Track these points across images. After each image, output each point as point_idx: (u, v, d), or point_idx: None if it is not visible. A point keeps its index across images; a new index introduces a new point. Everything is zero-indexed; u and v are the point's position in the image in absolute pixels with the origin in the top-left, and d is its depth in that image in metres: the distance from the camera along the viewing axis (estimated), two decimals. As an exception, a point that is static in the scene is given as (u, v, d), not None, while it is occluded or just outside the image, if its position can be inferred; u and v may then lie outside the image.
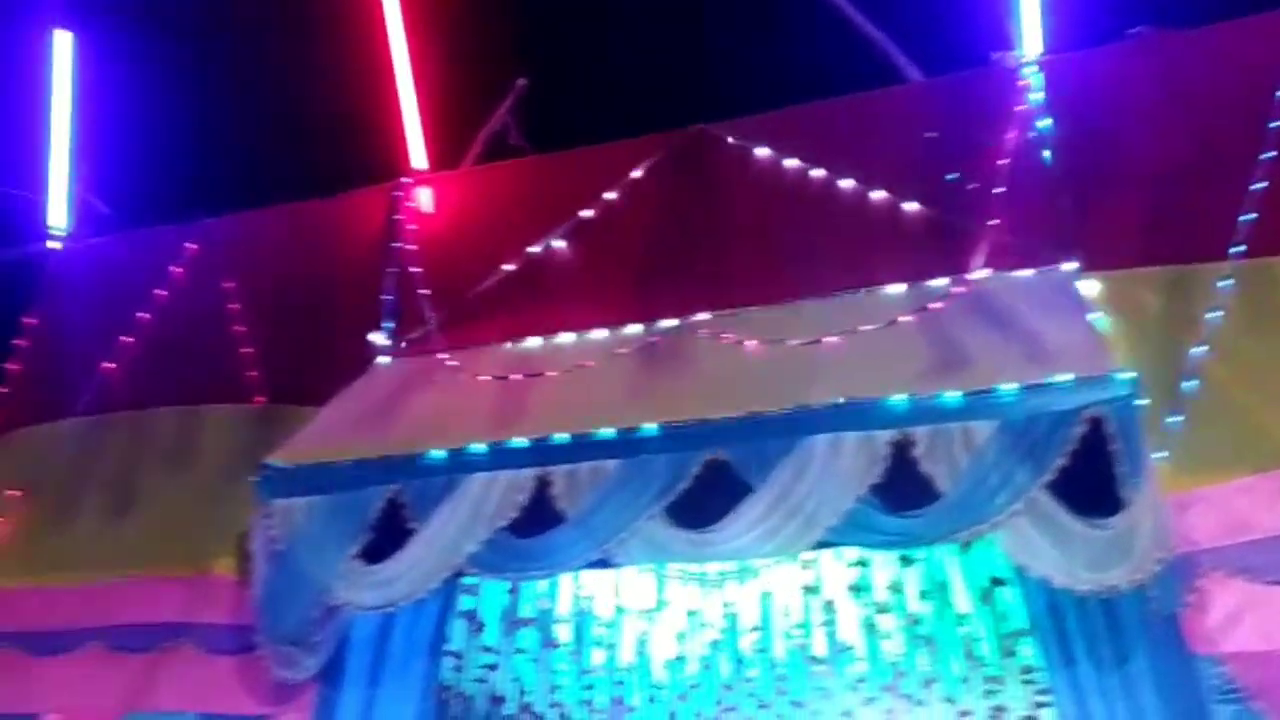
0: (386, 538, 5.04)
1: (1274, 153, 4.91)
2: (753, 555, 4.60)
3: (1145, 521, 4.03)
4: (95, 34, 7.61)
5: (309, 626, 5.10)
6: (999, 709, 7.13)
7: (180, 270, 6.84)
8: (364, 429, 5.36)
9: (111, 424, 6.65)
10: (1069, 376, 4.19)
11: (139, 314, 6.81)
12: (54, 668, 5.85)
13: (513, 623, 6.73)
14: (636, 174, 5.91)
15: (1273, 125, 4.95)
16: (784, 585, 6.23)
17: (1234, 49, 5.29)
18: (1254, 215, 4.84)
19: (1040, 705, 6.99)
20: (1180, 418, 4.57)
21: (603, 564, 5.27)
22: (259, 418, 6.27)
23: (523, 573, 5.06)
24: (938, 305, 4.96)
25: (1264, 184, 4.87)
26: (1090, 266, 4.95)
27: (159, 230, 7.18)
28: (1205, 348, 4.70)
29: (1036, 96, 5.34)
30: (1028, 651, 6.35)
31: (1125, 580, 4.02)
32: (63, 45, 7.58)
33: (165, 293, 6.83)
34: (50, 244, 7.43)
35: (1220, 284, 4.79)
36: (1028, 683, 6.71)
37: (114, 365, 6.79)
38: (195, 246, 6.87)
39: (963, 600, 6.10)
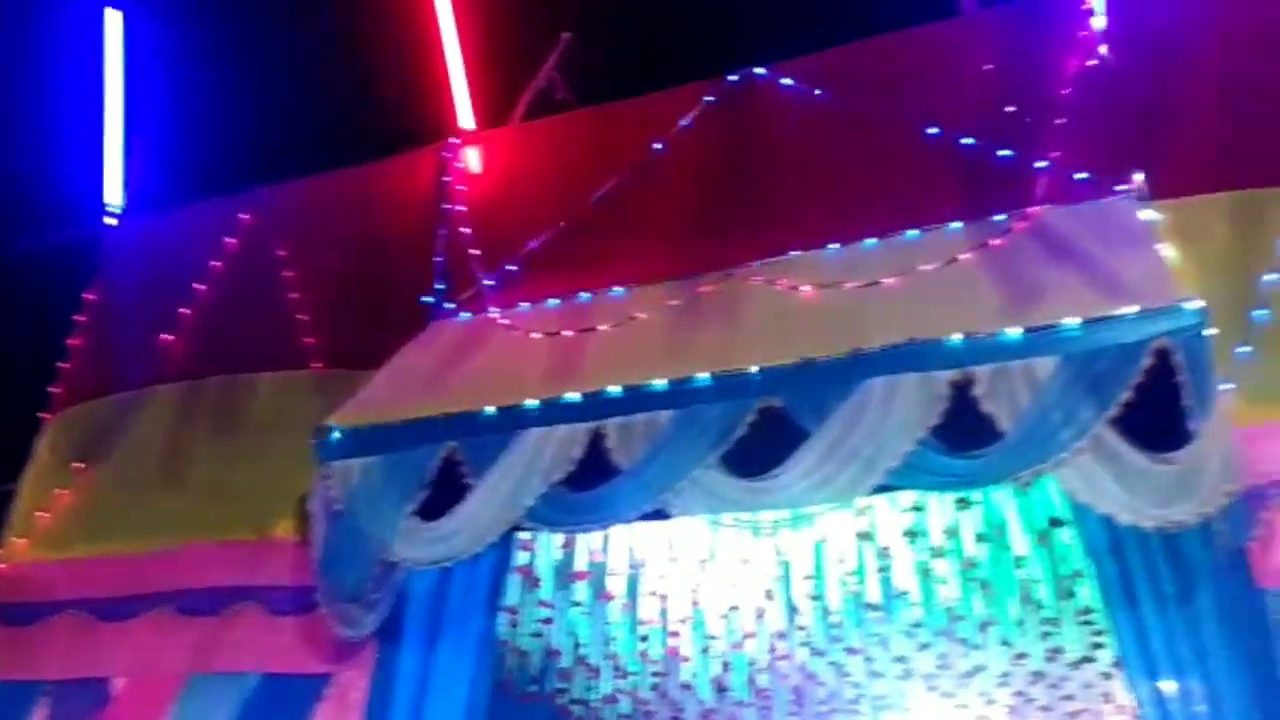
0: (443, 495, 4.95)
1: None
2: (809, 502, 4.44)
3: (1213, 455, 3.83)
4: (143, 10, 7.54)
5: (367, 584, 5.03)
6: (1056, 650, 6.98)
7: (234, 241, 6.76)
8: (419, 390, 5.27)
9: (169, 394, 6.62)
10: (1133, 308, 3.98)
11: (195, 285, 6.75)
12: (122, 633, 5.87)
13: (567, 576, 6.65)
14: (684, 122, 5.71)
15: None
16: (838, 532, 6.07)
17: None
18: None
19: (1097, 646, 6.84)
20: (1249, 348, 4.36)
21: (657, 515, 5.16)
22: (315, 383, 6.21)
23: (579, 526, 4.96)
24: (997, 241, 4.74)
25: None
26: (1156, 195, 4.70)
27: (213, 203, 7.10)
28: (1276, 275, 4.45)
29: (1099, 22, 5.06)
30: (1085, 593, 6.18)
31: (1192, 515, 3.83)
32: (113, 24, 7.53)
33: (220, 264, 6.77)
34: (107, 220, 7.38)
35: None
36: (1084, 624, 6.55)
37: (171, 337, 6.75)
38: (248, 217, 6.79)
39: (1020, 543, 5.91)
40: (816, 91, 5.49)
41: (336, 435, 5.12)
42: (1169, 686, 4.31)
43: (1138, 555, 4.41)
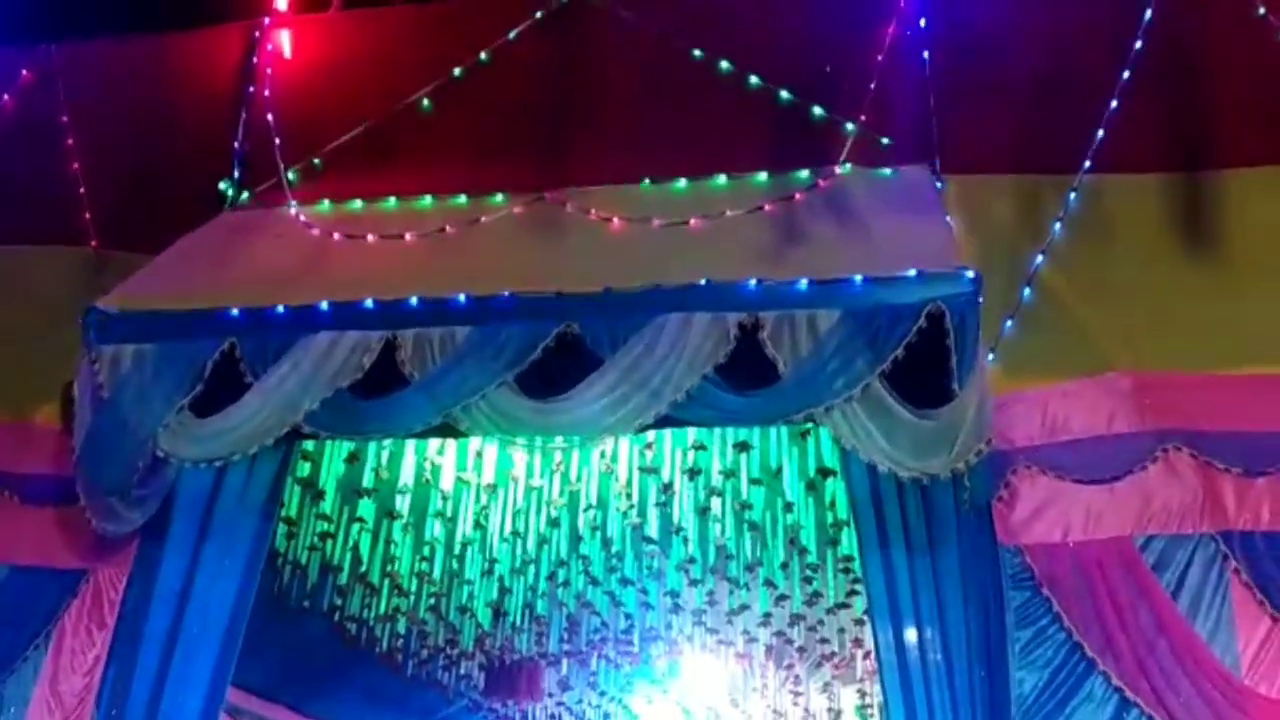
0: (220, 393, 4.69)
1: (1128, 73, 4.94)
2: (596, 427, 4.45)
3: (969, 414, 4.05)
4: None
5: (132, 478, 4.72)
6: (816, 595, 7.35)
7: (9, 99, 6.14)
8: (203, 278, 4.95)
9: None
10: (913, 271, 4.16)
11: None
12: None
13: (351, 492, 6.49)
14: (511, 36, 5.54)
15: (1135, 47, 4.97)
16: (624, 466, 6.16)
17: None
18: (1104, 133, 4.86)
19: (853, 594, 7.24)
20: (1013, 323, 4.64)
21: (447, 433, 5.08)
22: (90, 263, 5.74)
23: (362, 434, 4.80)
24: (800, 196, 4.86)
25: (1116, 104, 4.90)
26: (949, 169, 4.92)
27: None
28: (1044, 258, 4.74)
29: (920, -7, 5.23)
30: (847, 542, 6.53)
31: (945, 469, 4.06)
32: None
33: (-9, 122, 6.14)
34: None
35: (1067, 197, 4.83)
36: (844, 571, 6.91)
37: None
38: (29, 74, 6.18)
39: (791, 490, 6.16)
40: (646, 25, 5.42)
41: (107, 318, 4.76)
42: (910, 635, 4.55)
43: (894, 507, 4.63)
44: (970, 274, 4.14)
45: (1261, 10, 5.00)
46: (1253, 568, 4.13)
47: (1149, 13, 5.01)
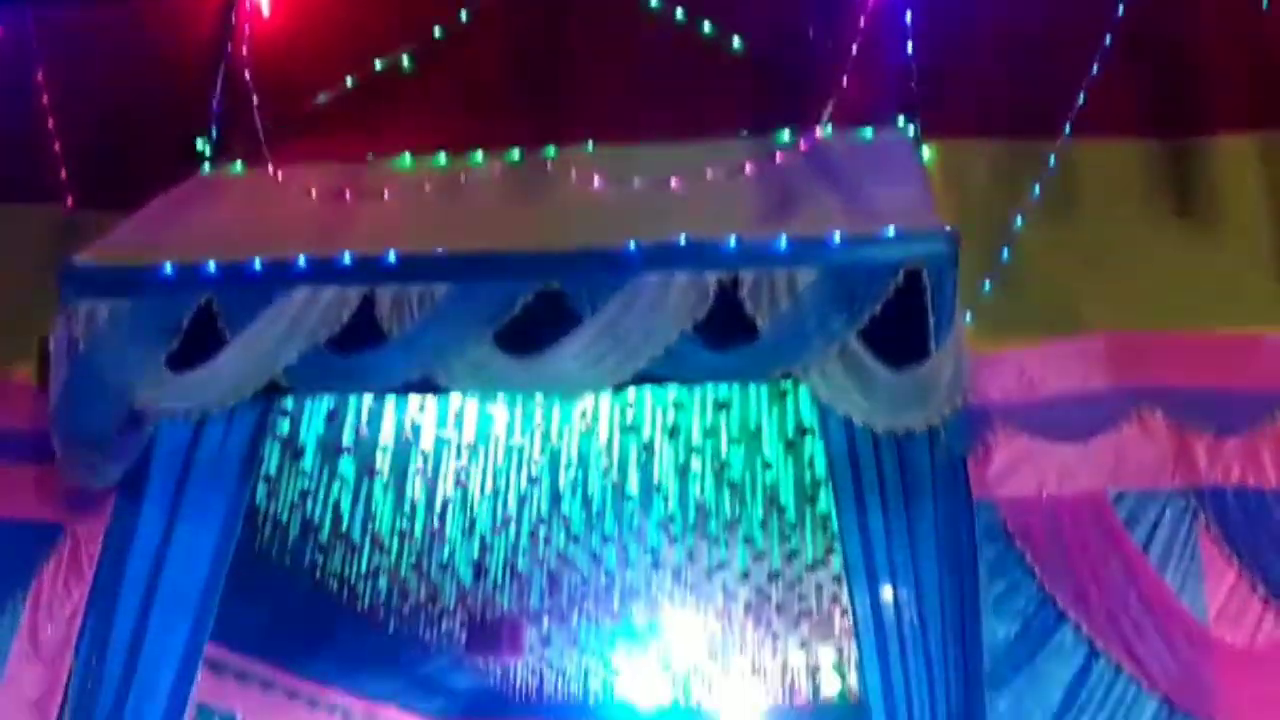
0: (197, 348, 4.63)
1: (1109, 38, 4.90)
2: (576, 383, 4.43)
3: (945, 371, 4.06)
4: None
5: (109, 433, 4.67)
6: (793, 553, 7.40)
7: (-15, 56, 6.02)
8: (179, 234, 4.87)
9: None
10: (891, 230, 4.14)
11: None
12: None
13: (331, 449, 6.46)
14: None
15: (1117, 12, 4.93)
16: (605, 425, 6.14)
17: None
18: (1084, 97, 4.84)
19: (829, 551, 7.30)
20: (991, 283, 4.62)
21: (427, 389, 5.04)
22: (66, 221, 5.65)
23: (340, 389, 4.77)
24: (781, 157, 4.81)
25: (1097, 68, 4.87)
26: (929, 131, 4.88)
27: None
28: (1022, 219, 4.73)
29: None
30: (825, 501, 6.55)
31: (921, 423, 4.06)
32: None
33: (-36, 78, 6.01)
34: None
35: (1047, 160, 4.81)
36: (822, 529, 6.96)
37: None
38: (3, 31, 6.04)
39: (770, 449, 6.17)
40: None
41: (84, 273, 4.69)
42: (886, 593, 4.57)
43: (871, 464, 4.65)
44: (948, 233, 4.12)
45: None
46: (1221, 522, 4.17)
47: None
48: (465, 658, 10.88)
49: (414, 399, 6.11)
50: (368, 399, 6.08)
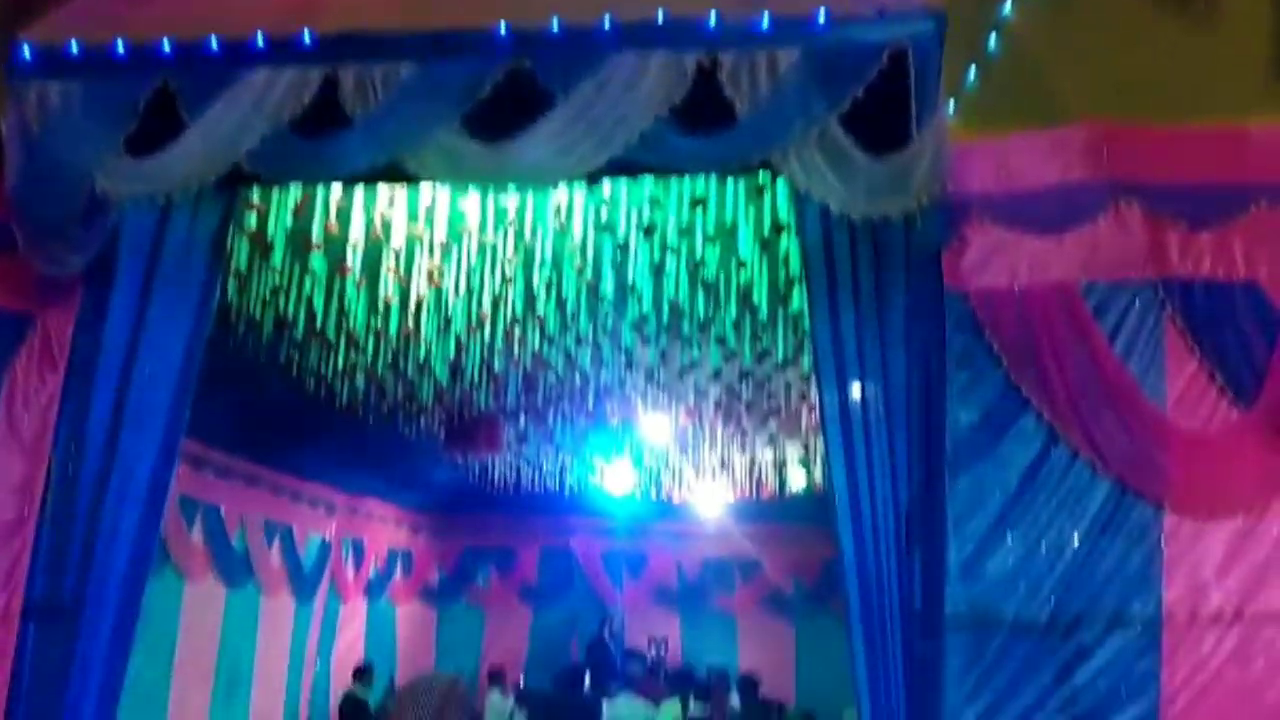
0: (157, 132, 4.44)
1: None
2: (549, 170, 4.29)
3: (925, 158, 3.95)
4: None
5: (71, 219, 4.53)
6: (765, 353, 7.47)
7: None
8: (134, 10, 4.58)
9: None
10: (876, 10, 3.95)
11: None
12: None
13: (301, 245, 6.34)
14: None
15: None
16: (579, 223, 6.03)
17: None
18: None
19: (798, 350, 7.36)
20: (975, 71, 4.47)
21: (394, 179, 4.91)
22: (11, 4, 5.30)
23: (306, 175, 4.62)
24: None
25: None
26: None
27: None
28: (1011, 6, 4.53)
29: None
30: (798, 301, 6.56)
31: (898, 211, 4.00)
32: None
33: None
34: None
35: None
36: (793, 330, 6.99)
37: None
38: None
39: (745, 248, 6.11)
40: None
41: (30, 53, 4.44)
42: (854, 390, 4.61)
43: (846, 256, 4.60)
44: (935, 13, 3.95)
45: None
46: (1187, 312, 4.19)
47: None
48: (444, 454, 11.12)
49: (383, 193, 5.96)
50: (336, 192, 5.93)
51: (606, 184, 5.47)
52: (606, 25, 4.11)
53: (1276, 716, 3.99)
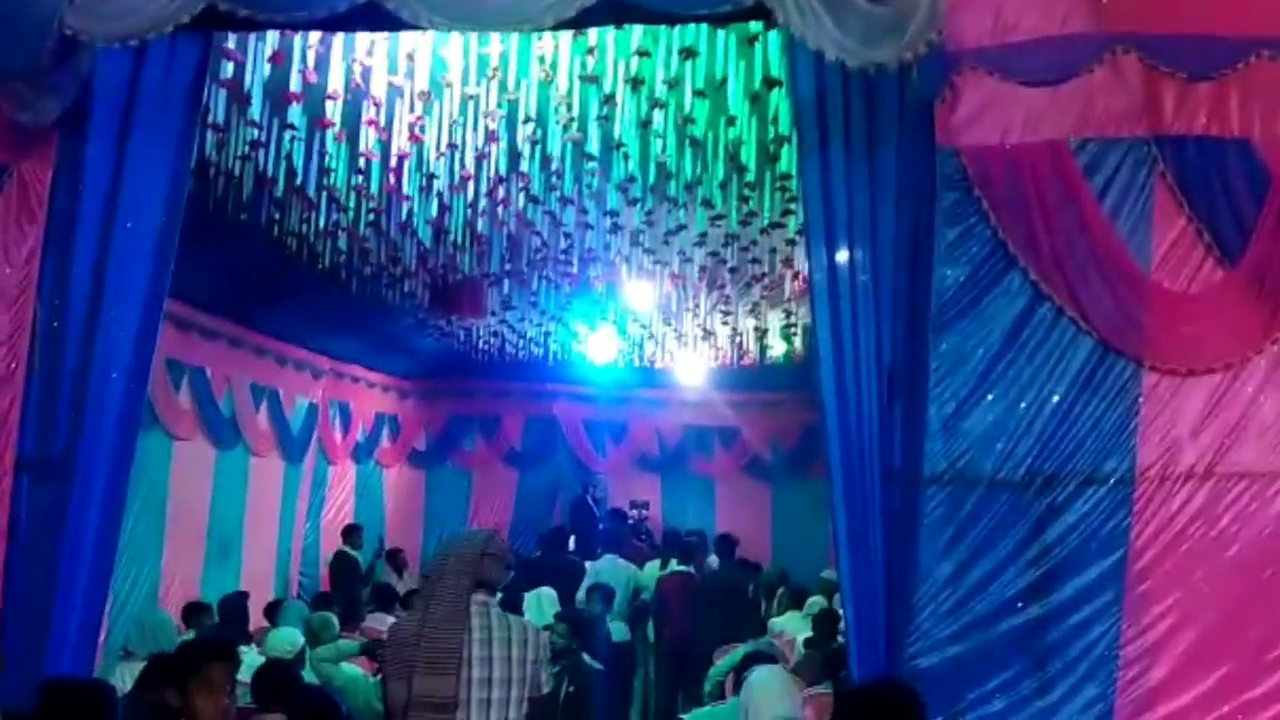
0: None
1: None
2: (532, 11, 4.14)
3: (921, 6, 3.84)
4: None
5: (41, 61, 4.37)
6: (751, 215, 7.39)
7: None
8: None
9: None
10: None
11: None
12: None
13: (280, 96, 6.16)
14: None
15: None
16: (564, 75, 5.87)
17: None
18: None
19: (788, 213, 7.29)
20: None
21: (372, 25, 4.73)
22: None
23: (281, 14, 4.44)
24: None
25: None
26: None
27: None
28: None
29: None
30: (786, 161, 6.46)
31: (893, 59, 3.89)
32: None
33: None
34: None
35: None
36: (781, 190, 6.90)
37: None
38: None
39: (735, 104, 5.98)
40: None
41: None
42: (842, 252, 4.55)
43: (838, 108, 4.46)
44: None
45: None
46: (1179, 169, 4.14)
47: None
48: (428, 319, 11.10)
49: (362, 41, 5.76)
50: (314, 42, 5.73)
51: (593, 33, 5.29)
52: None
53: (1240, 571, 4.08)
